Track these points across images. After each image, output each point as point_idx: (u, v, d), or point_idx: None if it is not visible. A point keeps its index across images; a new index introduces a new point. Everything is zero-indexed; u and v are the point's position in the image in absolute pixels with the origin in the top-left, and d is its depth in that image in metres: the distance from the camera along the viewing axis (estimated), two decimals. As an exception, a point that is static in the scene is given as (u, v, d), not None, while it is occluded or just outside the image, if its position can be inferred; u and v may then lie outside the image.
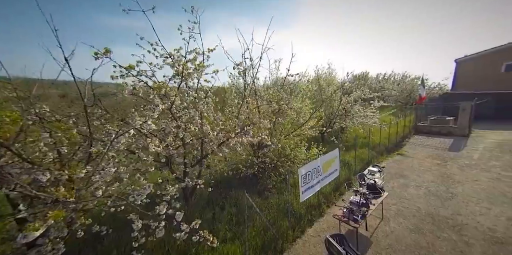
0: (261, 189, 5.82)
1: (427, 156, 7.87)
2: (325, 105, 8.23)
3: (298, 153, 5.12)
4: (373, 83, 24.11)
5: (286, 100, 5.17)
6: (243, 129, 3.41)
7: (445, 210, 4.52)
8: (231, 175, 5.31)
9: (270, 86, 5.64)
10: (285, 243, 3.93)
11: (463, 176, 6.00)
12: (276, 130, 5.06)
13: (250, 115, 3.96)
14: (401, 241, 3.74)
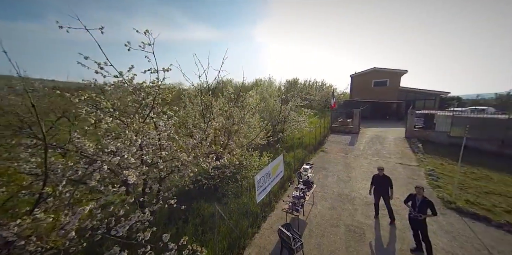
0: (219, 196, 6.26)
1: (338, 150, 10.93)
2: (269, 114, 9.61)
3: (252, 161, 5.94)
4: (302, 89, 29.01)
5: (240, 116, 5.84)
6: (215, 153, 3.77)
7: (346, 189, 6.76)
8: (192, 188, 5.42)
9: (225, 103, 6.10)
10: (246, 240, 4.66)
11: (355, 163, 8.96)
12: (230, 142, 5.64)
13: (215, 136, 4.33)
14: (324, 217, 5.37)
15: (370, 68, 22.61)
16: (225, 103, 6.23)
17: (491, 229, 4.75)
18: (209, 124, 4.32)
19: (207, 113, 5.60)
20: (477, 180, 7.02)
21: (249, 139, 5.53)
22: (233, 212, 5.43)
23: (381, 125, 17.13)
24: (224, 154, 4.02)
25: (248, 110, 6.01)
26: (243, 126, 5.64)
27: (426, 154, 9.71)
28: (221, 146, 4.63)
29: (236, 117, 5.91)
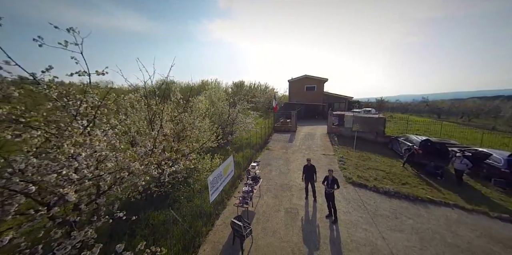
0: (170, 202, 6.16)
1: (280, 148, 12.71)
2: (218, 117, 9.99)
3: (204, 164, 6.21)
4: (248, 92, 30.73)
5: (190, 121, 5.96)
6: (170, 159, 3.85)
7: (286, 180, 8.22)
8: (139, 198, 5.09)
9: (173, 109, 6.02)
10: (201, 238, 4.99)
11: (293, 158, 10.86)
12: (183, 147, 5.70)
13: (168, 142, 4.35)
14: (269, 205, 6.43)
15: (302, 75, 26.91)
16: (173, 108, 6.13)
17: (367, 191, 7.28)
18: (160, 130, 4.30)
19: (155, 119, 5.40)
20: (364, 161, 10.25)
21: (201, 143, 5.77)
22: (187, 215, 5.56)
23: (312, 123, 21.00)
24: (181, 160, 4.18)
25: (198, 115, 6.20)
26: (195, 131, 5.80)
27: (340, 145, 12.99)
28: (175, 152, 4.68)
29: (186, 122, 5.98)
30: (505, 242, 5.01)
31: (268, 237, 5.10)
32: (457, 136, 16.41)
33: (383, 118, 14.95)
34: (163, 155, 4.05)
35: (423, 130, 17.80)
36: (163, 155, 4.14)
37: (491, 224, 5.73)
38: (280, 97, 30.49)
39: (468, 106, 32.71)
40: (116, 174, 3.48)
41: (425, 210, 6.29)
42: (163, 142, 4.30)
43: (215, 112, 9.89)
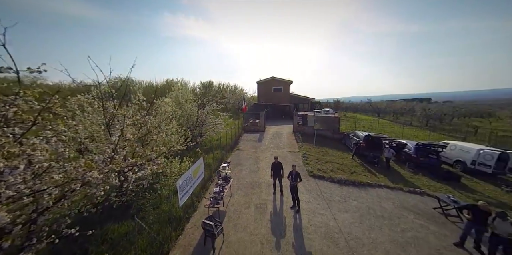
0: (134, 212, 5.79)
1: (250, 147, 13.16)
2: (186, 119, 9.70)
3: (172, 168, 6.06)
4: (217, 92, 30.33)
5: (155, 124, 5.72)
6: (135, 165, 3.70)
7: (256, 178, 8.69)
8: (93, 212, 4.63)
9: (135, 111, 5.66)
10: (170, 244, 4.94)
11: (262, 156, 11.46)
12: (149, 152, 5.44)
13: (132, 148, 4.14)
14: (239, 203, 6.75)
15: (270, 77, 28.17)
16: (135, 111, 5.75)
17: (325, 182, 8.42)
18: (122, 136, 4.07)
19: (113, 123, 4.99)
20: (323, 155, 11.68)
21: (168, 147, 5.62)
22: (154, 223, 5.37)
23: (280, 123, 22.28)
24: (148, 165, 4.06)
25: (165, 117, 5.99)
26: (161, 134, 5.60)
27: (304, 142, 14.32)
28: (140, 157, 4.46)
29: (151, 126, 5.71)
30: (411, 208, 6.72)
31: (239, 233, 5.42)
32: (388, 131, 20.17)
33: (338, 117, 17.16)
34: (126, 162, 3.90)
35: (367, 127, 21.16)
36: (127, 161, 3.99)
37: (404, 196, 7.51)
38: (249, 97, 31.11)
39: (397, 107, 40.20)
40: (65, 187, 3.18)
41: (365, 192, 7.72)
42: (125, 148, 4.09)
43: (182, 114, 9.55)
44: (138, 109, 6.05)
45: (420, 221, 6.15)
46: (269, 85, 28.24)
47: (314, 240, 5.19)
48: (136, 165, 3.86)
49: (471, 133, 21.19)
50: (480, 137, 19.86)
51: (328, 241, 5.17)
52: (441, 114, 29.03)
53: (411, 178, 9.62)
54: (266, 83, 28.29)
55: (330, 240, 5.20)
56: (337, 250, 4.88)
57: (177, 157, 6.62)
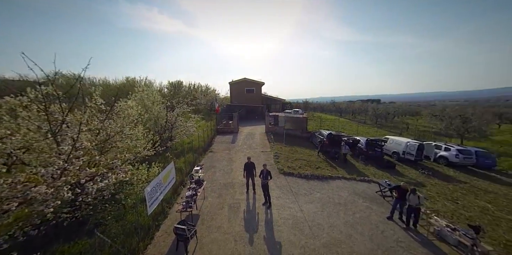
0: (91, 228, 5.31)
1: (223, 149, 13.24)
2: (154, 122, 9.20)
3: (139, 176, 5.78)
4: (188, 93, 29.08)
5: (117, 130, 5.37)
6: (96, 175, 3.49)
7: (229, 179, 8.92)
8: (34, 234, 4.07)
9: (91, 116, 5.19)
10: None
11: (236, 157, 11.72)
12: (111, 160, 5.08)
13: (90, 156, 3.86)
14: (213, 205, 6.90)
15: (242, 78, 28.53)
16: (91, 115, 5.27)
17: (294, 178, 9.24)
18: (75, 144, 3.77)
19: (59, 130, 4.48)
20: (292, 154, 12.67)
21: (134, 153, 5.33)
22: (118, 236, 5.07)
23: (252, 124, 22.85)
24: (113, 173, 3.86)
25: (129, 122, 5.65)
26: (126, 140, 5.29)
27: (275, 142, 15.14)
28: (102, 166, 4.16)
29: (112, 131, 5.32)
30: (361, 194, 8.06)
31: (213, 233, 5.60)
32: (347, 129, 22.99)
33: (306, 117, 18.69)
34: (84, 172, 3.69)
35: (330, 125, 23.64)
36: (85, 171, 3.77)
37: (356, 185, 8.91)
38: (222, 98, 30.79)
39: (355, 107, 45.82)
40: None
41: (327, 184, 8.83)
42: (81, 157, 3.82)
43: (150, 117, 8.99)
44: (94, 113, 5.55)
45: (366, 203, 7.44)
46: (241, 86, 28.56)
47: (283, 231, 5.76)
48: (97, 175, 3.67)
49: (405, 129, 25.92)
50: (410, 132, 24.47)
51: (295, 230, 5.82)
52: (386, 113, 34.39)
53: (363, 169, 11.35)
54: (239, 84, 28.55)
55: (297, 229, 5.87)
56: (302, 237, 5.56)
57: (144, 163, 6.33)
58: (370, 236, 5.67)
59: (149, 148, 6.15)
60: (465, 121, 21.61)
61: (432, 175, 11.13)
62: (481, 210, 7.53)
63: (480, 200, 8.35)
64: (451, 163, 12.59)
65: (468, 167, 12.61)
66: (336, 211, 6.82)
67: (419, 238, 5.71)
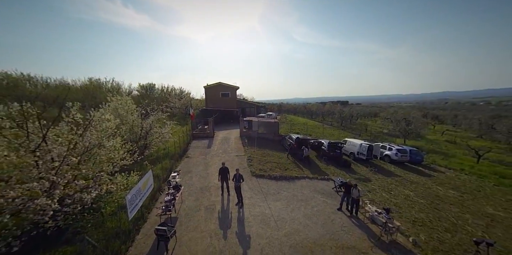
0: (69, 237, 5.54)
1: (199, 154, 13.73)
2: (129, 130, 9.30)
3: (119, 185, 6.12)
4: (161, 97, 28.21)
5: (95, 142, 5.66)
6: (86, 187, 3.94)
7: (205, 183, 9.61)
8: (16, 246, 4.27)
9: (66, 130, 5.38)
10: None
11: (212, 162, 12.39)
12: (88, 170, 5.36)
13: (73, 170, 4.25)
14: (191, 208, 7.55)
15: (217, 82, 28.96)
16: (69, 130, 5.45)
17: (264, 179, 10.39)
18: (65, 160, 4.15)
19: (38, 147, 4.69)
20: (264, 157, 13.91)
21: (114, 164, 5.66)
22: (99, 241, 5.42)
23: (228, 128, 23.54)
24: (106, 184, 4.31)
25: (107, 135, 5.94)
26: (108, 152, 5.62)
27: (249, 146, 16.20)
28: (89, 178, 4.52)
29: (90, 145, 5.58)
30: (320, 191, 9.65)
31: (191, 232, 6.31)
32: (316, 132, 25.51)
33: (277, 122, 20.27)
34: (79, 184, 4.18)
35: (300, 129, 25.85)
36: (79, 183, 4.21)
37: (317, 183, 10.54)
38: (197, 102, 30.61)
39: (325, 109, 50.18)
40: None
41: (293, 184, 10.23)
42: (70, 171, 4.23)
43: (126, 128, 9.02)
44: (71, 127, 5.74)
45: (323, 198, 9.01)
46: (217, 90, 28.96)
47: (252, 226, 6.79)
48: (88, 187, 4.15)
49: (364, 130, 29.95)
50: (368, 133, 28.43)
51: (263, 224, 6.91)
52: (350, 116, 38.80)
53: (325, 169, 13.20)
54: (214, 88, 28.89)
55: (264, 223, 6.97)
56: (269, 230, 6.67)
57: (124, 173, 6.65)
58: (322, 225, 7.10)
59: (128, 158, 6.51)
60: (408, 124, 26.22)
61: (378, 171, 13.62)
62: (405, 197, 9.83)
63: (406, 190, 10.79)
64: (392, 160, 15.49)
65: (405, 163, 15.70)
66: (298, 207, 8.16)
67: (358, 223, 7.38)
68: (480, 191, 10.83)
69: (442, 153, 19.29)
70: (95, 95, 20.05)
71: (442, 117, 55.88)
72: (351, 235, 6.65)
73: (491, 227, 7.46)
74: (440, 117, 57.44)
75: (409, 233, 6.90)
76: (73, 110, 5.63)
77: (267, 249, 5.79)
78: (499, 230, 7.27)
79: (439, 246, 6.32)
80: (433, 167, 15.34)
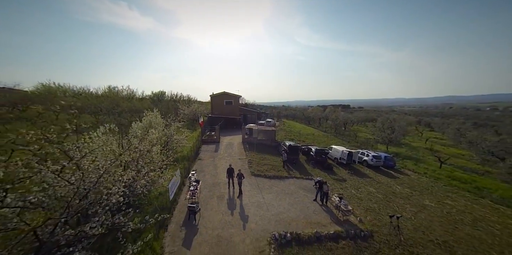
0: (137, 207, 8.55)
1: (209, 157, 16.79)
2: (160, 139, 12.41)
3: (161, 178, 9.17)
4: (171, 104, 31.38)
5: (147, 148, 8.73)
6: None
7: (216, 180, 12.64)
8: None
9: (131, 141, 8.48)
10: (166, 221, 8.25)
11: (219, 164, 15.44)
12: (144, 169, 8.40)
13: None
14: (207, 197, 10.59)
15: (221, 92, 32.19)
16: (131, 140, 8.53)
17: (261, 178, 13.39)
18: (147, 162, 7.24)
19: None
20: (262, 160, 16.93)
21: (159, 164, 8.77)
22: (154, 211, 8.46)
23: (231, 134, 26.63)
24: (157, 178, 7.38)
25: (153, 144, 9.04)
26: (153, 155, 8.71)
27: (250, 151, 19.22)
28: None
29: (144, 150, 8.63)
30: (303, 187, 12.63)
31: (209, 211, 9.32)
32: (309, 138, 28.50)
33: (275, 130, 23.33)
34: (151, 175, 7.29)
35: (295, 136, 28.87)
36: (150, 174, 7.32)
37: (303, 182, 13.52)
38: (202, 108, 33.78)
39: (324, 114, 53.20)
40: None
41: (283, 182, 13.21)
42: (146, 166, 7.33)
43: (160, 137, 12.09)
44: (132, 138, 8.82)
45: (305, 193, 11.98)
46: (221, 99, 32.19)
47: (250, 209, 9.78)
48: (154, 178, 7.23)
49: (353, 137, 32.93)
50: (357, 139, 31.39)
51: (258, 208, 9.89)
52: (344, 123, 41.86)
53: (311, 171, 16.16)
54: (219, 97, 32.13)
55: (259, 207, 9.95)
56: (262, 211, 9.65)
57: (165, 170, 9.74)
58: (300, 209, 10.07)
59: (165, 159, 9.57)
60: (393, 132, 29.20)
61: (354, 173, 16.58)
62: (367, 193, 12.78)
63: (371, 188, 13.75)
64: (369, 165, 18.45)
65: (380, 167, 18.64)
66: (284, 198, 11.15)
67: (326, 209, 10.34)
68: (428, 189, 13.75)
69: (416, 159, 22.21)
70: (118, 104, 23.29)
71: (434, 125, 58.64)
72: (318, 216, 9.63)
73: (419, 213, 10.41)
74: (432, 124, 60.22)
75: (360, 216, 9.88)
76: (136, 127, 8.75)
77: (260, 222, 8.79)
78: (423, 214, 10.23)
79: (376, 223, 9.28)
80: (402, 171, 18.26)
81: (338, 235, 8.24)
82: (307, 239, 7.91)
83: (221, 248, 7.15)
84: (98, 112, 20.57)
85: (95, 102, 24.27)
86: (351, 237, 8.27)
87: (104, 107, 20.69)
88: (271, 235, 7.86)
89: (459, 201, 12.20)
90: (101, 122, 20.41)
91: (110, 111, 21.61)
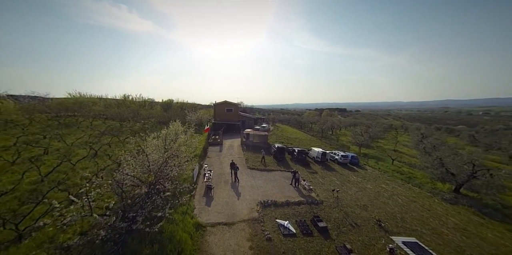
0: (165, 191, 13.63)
1: (215, 156, 21.81)
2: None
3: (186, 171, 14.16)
4: (178, 111, 36.37)
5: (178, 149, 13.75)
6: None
7: (222, 171, 17.71)
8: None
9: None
10: (193, 192, 13.28)
11: (223, 160, 20.48)
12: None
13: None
14: (217, 181, 15.65)
15: (223, 100, 37.40)
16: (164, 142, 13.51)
17: (254, 170, 18.46)
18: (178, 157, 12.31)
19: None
20: (256, 158, 21.99)
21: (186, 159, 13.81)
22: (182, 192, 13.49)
23: (232, 137, 31.69)
24: (186, 167, 12.43)
25: (181, 145, 14.04)
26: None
27: (247, 151, 24.24)
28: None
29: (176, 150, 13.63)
30: (284, 176, 17.74)
31: (219, 189, 14.33)
32: (296, 141, 33.66)
33: (267, 135, 28.47)
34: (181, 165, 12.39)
35: (284, 139, 34.03)
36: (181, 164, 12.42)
37: (284, 173, 18.63)
38: (205, 113, 38.87)
39: (314, 120, 58.56)
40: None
41: (271, 173, 18.28)
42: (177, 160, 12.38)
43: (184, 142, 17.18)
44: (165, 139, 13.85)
45: (285, 180, 17.03)
46: (223, 107, 37.37)
47: (246, 188, 14.82)
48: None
49: (335, 141, 38.27)
50: (339, 142, 36.69)
51: (251, 188, 14.93)
52: (331, 128, 47.21)
53: (293, 166, 21.24)
54: (221, 105, 37.30)
55: (252, 188, 14.99)
56: (254, 190, 14.68)
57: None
58: (279, 189, 15.13)
59: (188, 156, 14.58)
60: (370, 137, 34.63)
61: (325, 168, 21.74)
62: (330, 181, 17.90)
63: (334, 178, 18.90)
64: (339, 162, 23.66)
65: (348, 164, 23.83)
66: (270, 182, 16.20)
67: (297, 189, 15.40)
68: (374, 179, 18.95)
69: (379, 158, 27.53)
70: (139, 113, 28.21)
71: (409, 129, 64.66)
72: (291, 193, 14.74)
73: (359, 192, 15.59)
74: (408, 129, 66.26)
75: (318, 193, 14.99)
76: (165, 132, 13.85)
77: (252, 195, 13.83)
78: (361, 193, 15.42)
79: (327, 197, 14.41)
80: (364, 167, 23.48)
81: (300, 202, 13.34)
82: (280, 203, 12.99)
83: (228, 207, 12.18)
84: (124, 120, 25.42)
85: (117, 110, 29.14)
86: (309, 203, 13.37)
87: (129, 115, 25.54)
88: (258, 201, 12.93)
89: (391, 185, 17.42)
90: (127, 127, 25.23)
91: (133, 118, 26.52)
